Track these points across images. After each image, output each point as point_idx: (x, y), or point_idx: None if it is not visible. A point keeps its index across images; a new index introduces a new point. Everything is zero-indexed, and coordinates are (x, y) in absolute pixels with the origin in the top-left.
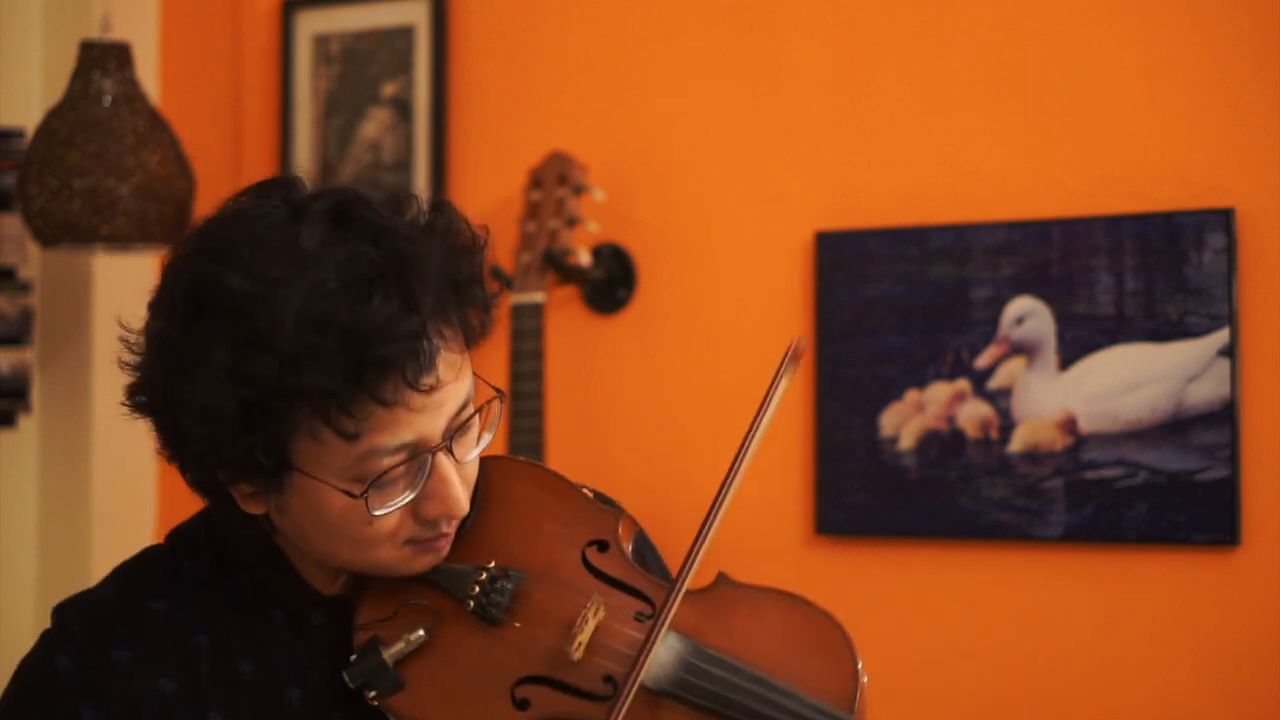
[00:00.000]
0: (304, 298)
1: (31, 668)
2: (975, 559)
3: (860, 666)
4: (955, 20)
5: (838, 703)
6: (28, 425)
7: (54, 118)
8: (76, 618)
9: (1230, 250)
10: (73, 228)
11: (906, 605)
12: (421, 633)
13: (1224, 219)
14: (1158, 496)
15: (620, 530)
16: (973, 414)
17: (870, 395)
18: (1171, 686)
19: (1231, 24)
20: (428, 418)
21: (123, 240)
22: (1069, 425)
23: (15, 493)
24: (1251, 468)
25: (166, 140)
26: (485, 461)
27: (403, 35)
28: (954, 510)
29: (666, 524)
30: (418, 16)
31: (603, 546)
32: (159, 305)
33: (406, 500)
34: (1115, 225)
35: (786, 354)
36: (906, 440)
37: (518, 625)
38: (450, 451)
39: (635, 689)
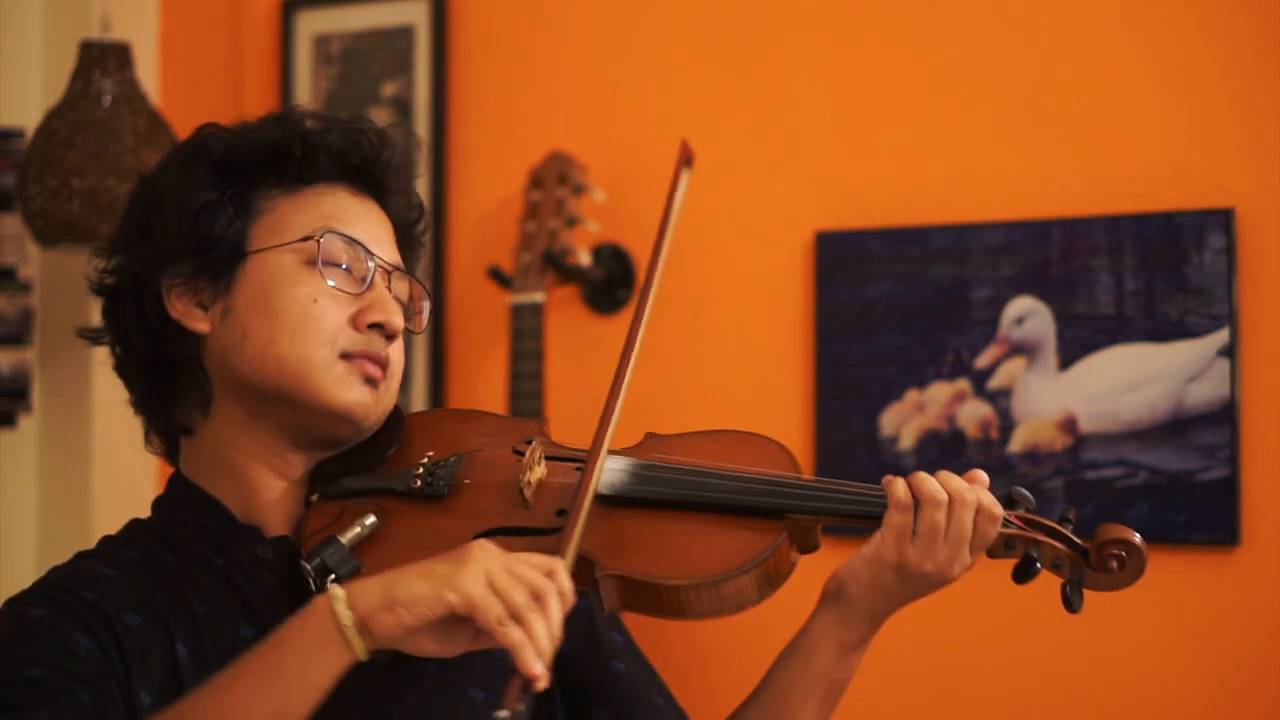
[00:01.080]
0: (288, 116)
1: (8, 633)
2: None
3: (794, 455)
4: (955, 20)
5: (786, 473)
6: (28, 425)
7: (54, 118)
8: (35, 588)
9: (1230, 250)
10: (73, 228)
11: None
12: (373, 518)
13: (1224, 219)
14: (1158, 496)
15: (545, 430)
16: (973, 414)
17: (870, 395)
18: (1171, 686)
19: (1231, 24)
20: (372, 233)
21: None
22: (1069, 425)
23: (15, 493)
24: (1251, 468)
25: (166, 140)
26: (406, 415)
27: (403, 35)
28: None
29: None
30: (418, 16)
31: (529, 440)
32: (139, 184)
33: (350, 291)
34: (1115, 225)
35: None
36: (906, 440)
37: (464, 494)
38: (388, 282)
39: (592, 490)
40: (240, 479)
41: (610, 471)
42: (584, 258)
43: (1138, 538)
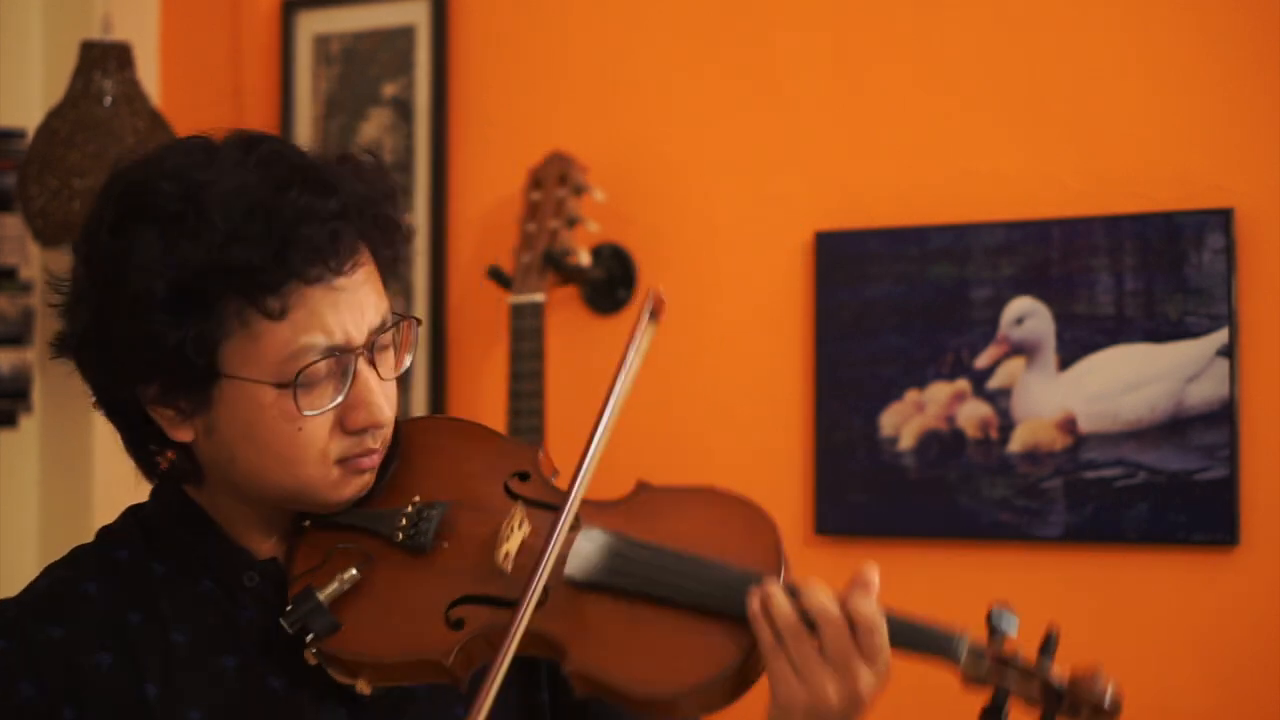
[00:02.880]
0: (229, 191)
1: None
2: (975, 559)
3: (781, 539)
4: (955, 20)
5: (766, 570)
6: (28, 425)
7: (54, 118)
8: (10, 608)
9: (1230, 250)
10: (73, 228)
11: (906, 605)
12: (354, 571)
13: (1224, 219)
14: (1157, 496)
15: (540, 460)
16: (973, 414)
17: (870, 395)
18: (1171, 686)
19: (1231, 24)
20: (350, 318)
21: None
22: (1069, 425)
23: (16, 493)
24: (1251, 468)
25: (166, 140)
26: (405, 421)
27: (403, 35)
28: (954, 510)
29: None
30: (418, 16)
31: (524, 476)
32: (89, 224)
33: (333, 405)
34: (1115, 225)
35: (645, 307)
36: (906, 440)
37: (445, 550)
38: (372, 363)
39: (545, 574)
40: (234, 511)
41: (581, 554)
42: (584, 258)
43: (1110, 697)
